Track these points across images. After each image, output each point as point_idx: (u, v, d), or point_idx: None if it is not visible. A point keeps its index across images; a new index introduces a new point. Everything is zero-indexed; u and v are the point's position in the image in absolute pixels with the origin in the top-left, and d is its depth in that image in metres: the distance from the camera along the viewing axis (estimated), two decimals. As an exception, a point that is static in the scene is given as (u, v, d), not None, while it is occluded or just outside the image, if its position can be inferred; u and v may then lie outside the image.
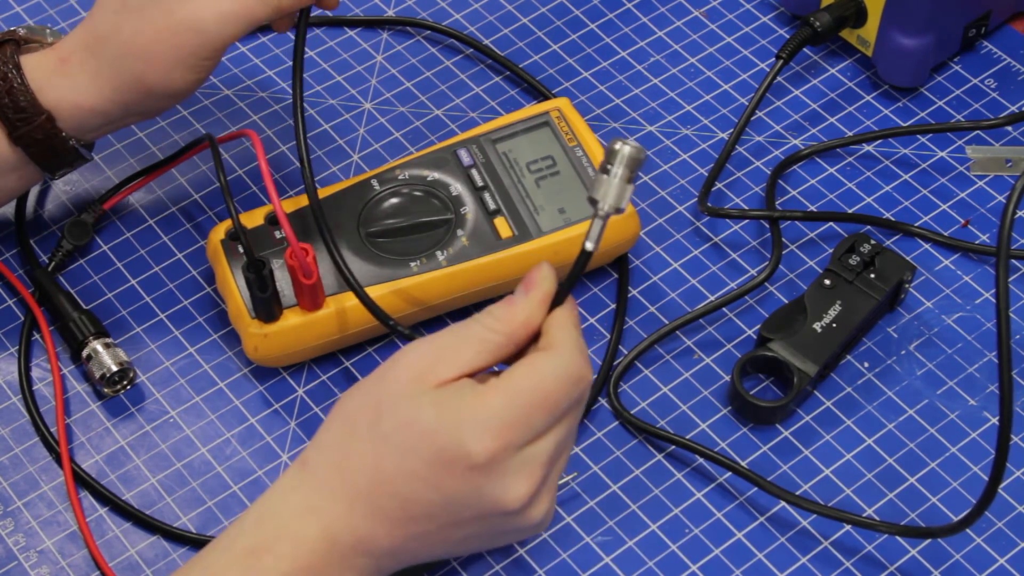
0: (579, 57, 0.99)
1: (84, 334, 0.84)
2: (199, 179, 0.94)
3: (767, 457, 0.82)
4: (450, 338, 0.67)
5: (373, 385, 0.67)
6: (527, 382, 0.65)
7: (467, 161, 0.87)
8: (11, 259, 0.90)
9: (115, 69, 0.79)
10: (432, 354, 0.66)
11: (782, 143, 0.95)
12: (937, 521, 0.79)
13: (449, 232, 0.85)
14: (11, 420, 0.84)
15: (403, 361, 0.67)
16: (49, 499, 0.81)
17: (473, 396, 0.65)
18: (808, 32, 0.93)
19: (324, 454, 0.67)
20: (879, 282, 0.85)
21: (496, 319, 0.67)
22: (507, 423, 0.65)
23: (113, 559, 0.79)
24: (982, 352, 0.86)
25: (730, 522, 0.80)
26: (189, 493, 0.81)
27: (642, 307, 0.88)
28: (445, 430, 0.64)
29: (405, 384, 0.66)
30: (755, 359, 0.83)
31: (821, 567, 0.78)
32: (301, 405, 0.84)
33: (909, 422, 0.83)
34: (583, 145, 0.87)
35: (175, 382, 0.85)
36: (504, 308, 0.68)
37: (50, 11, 1.02)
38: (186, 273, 0.90)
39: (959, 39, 0.97)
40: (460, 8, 1.02)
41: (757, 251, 0.90)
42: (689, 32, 1.01)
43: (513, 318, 0.67)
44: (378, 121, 0.96)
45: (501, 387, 0.65)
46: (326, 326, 0.83)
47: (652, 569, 0.78)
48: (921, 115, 0.96)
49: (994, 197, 0.93)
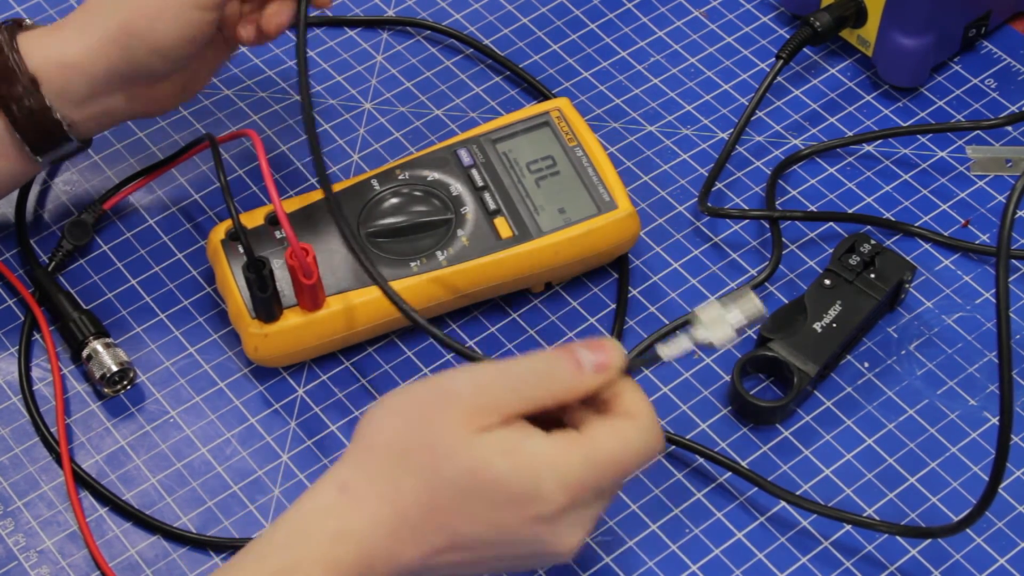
0: (579, 57, 0.99)
1: (84, 334, 0.84)
2: (199, 179, 0.94)
3: (767, 457, 0.82)
4: (503, 389, 0.66)
5: (421, 423, 0.66)
6: (610, 447, 0.66)
7: (467, 161, 0.87)
8: (11, 259, 0.90)
9: (102, 16, 0.80)
10: (485, 396, 0.66)
11: (782, 143, 0.95)
12: (937, 521, 0.79)
13: (449, 232, 0.85)
14: (11, 420, 0.84)
15: (455, 401, 0.66)
16: (49, 499, 0.81)
17: (550, 447, 0.65)
18: (808, 32, 0.93)
19: (369, 482, 0.66)
20: (879, 282, 0.85)
21: (563, 388, 0.67)
22: (582, 482, 0.65)
23: (113, 559, 0.79)
24: (982, 352, 0.86)
25: (730, 522, 0.80)
26: (189, 493, 0.81)
27: (642, 307, 0.88)
28: (519, 480, 0.65)
29: (460, 426, 0.65)
30: (755, 359, 0.83)
31: (821, 567, 0.78)
32: (301, 405, 0.84)
33: (909, 422, 0.83)
34: (583, 145, 0.87)
35: (175, 382, 0.85)
36: (572, 376, 0.67)
37: (50, 11, 1.02)
38: (186, 273, 0.90)
39: (959, 39, 0.97)
40: (460, 8, 1.02)
41: (757, 251, 0.90)
42: (689, 32, 1.01)
43: (579, 393, 0.67)
44: (378, 121, 0.96)
45: (584, 446, 0.65)
46: (326, 326, 0.83)
47: (652, 569, 0.78)
48: (921, 115, 0.96)
49: (994, 197, 0.93)
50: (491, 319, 0.87)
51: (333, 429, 0.83)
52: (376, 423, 0.67)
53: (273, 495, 0.81)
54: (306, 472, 0.82)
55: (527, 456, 0.65)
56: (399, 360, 0.86)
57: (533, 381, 0.66)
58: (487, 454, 0.65)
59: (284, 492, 0.81)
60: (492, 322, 0.87)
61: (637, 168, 0.94)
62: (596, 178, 0.86)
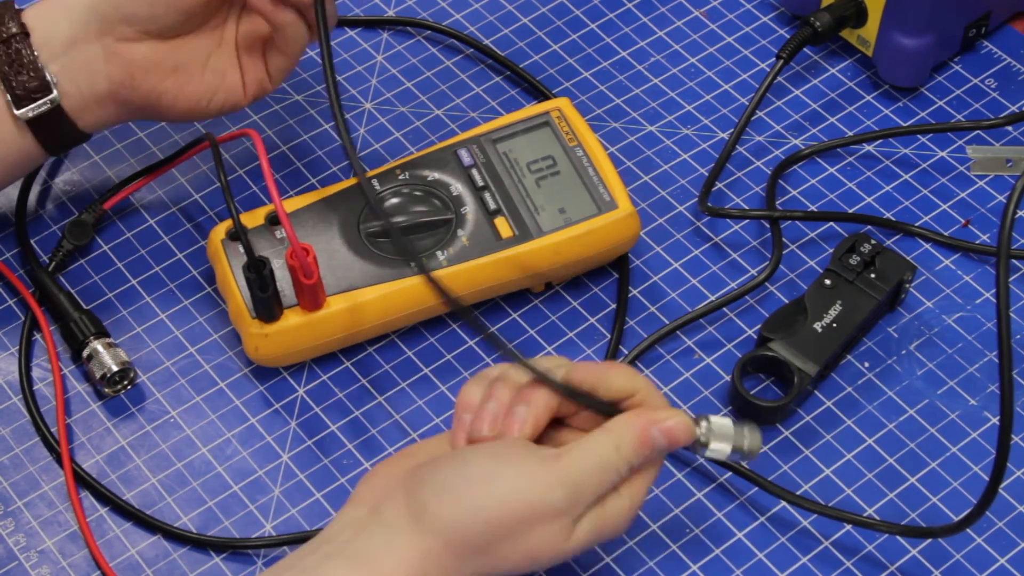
0: (579, 57, 0.99)
1: (84, 334, 0.84)
2: (199, 179, 0.94)
3: (767, 457, 0.82)
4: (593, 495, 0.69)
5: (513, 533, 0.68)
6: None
7: (467, 161, 0.87)
8: (11, 259, 0.90)
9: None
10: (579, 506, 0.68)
11: (782, 143, 0.95)
12: (937, 521, 0.79)
13: (449, 232, 0.85)
14: (11, 420, 0.84)
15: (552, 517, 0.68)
16: (49, 499, 0.81)
17: (624, 505, 0.70)
18: (808, 32, 0.93)
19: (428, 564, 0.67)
20: (879, 282, 0.85)
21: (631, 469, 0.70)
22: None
23: (113, 559, 0.79)
24: (982, 352, 0.86)
25: (730, 522, 0.80)
26: (189, 493, 0.81)
27: (642, 307, 0.88)
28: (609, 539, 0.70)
29: (558, 542, 0.68)
30: (755, 359, 0.83)
31: (821, 567, 0.78)
32: (301, 405, 0.84)
33: (909, 422, 0.83)
34: (583, 145, 0.87)
35: (175, 382, 0.85)
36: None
37: (50, 11, 1.02)
38: (186, 273, 0.90)
39: (959, 39, 0.97)
40: (460, 8, 1.02)
41: (757, 251, 0.90)
42: (689, 32, 1.01)
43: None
44: (378, 121, 0.96)
45: (644, 484, 0.71)
46: (327, 326, 0.83)
47: (652, 569, 0.78)
48: (921, 115, 0.96)
49: (994, 197, 0.93)
50: (491, 319, 0.88)
51: (333, 429, 0.84)
52: (454, 518, 0.68)
53: (273, 495, 0.81)
54: (306, 472, 0.82)
55: (614, 521, 0.70)
56: (399, 360, 0.86)
57: (622, 475, 0.70)
58: (584, 540, 0.69)
59: (284, 492, 0.81)
60: (492, 322, 0.87)
61: (637, 168, 0.94)
62: (596, 178, 0.86)
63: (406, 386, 0.85)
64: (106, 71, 0.81)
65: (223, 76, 0.83)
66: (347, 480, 0.82)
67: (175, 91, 0.83)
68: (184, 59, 0.82)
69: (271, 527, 0.80)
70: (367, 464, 0.82)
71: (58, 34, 0.81)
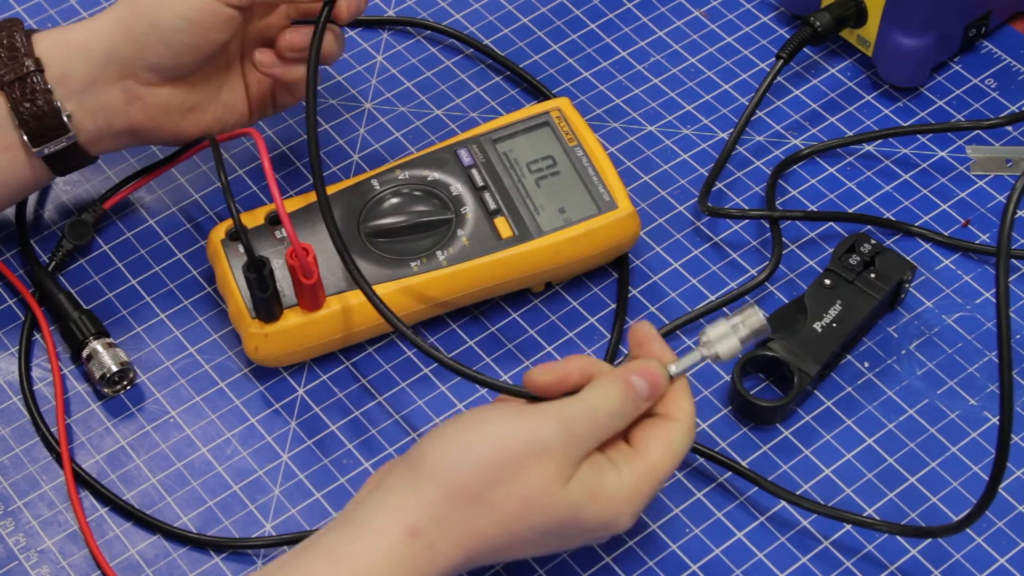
0: (579, 57, 0.99)
1: (84, 334, 0.84)
2: (199, 179, 0.94)
3: (767, 457, 0.82)
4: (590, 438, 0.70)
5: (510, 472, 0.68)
6: (664, 459, 0.71)
7: (467, 161, 0.87)
8: (11, 259, 0.90)
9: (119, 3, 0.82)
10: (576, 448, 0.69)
11: (782, 143, 0.95)
12: (937, 521, 0.79)
13: (449, 232, 0.85)
14: (11, 420, 0.84)
15: (548, 455, 0.68)
16: (49, 499, 0.81)
17: (625, 482, 0.70)
18: (808, 32, 0.93)
19: (443, 528, 0.68)
20: (879, 282, 0.85)
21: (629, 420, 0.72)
22: (647, 499, 0.71)
23: (113, 559, 0.79)
24: (982, 352, 0.86)
25: (730, 522, 0.80)
26: (189, 493, 0.81)
27: (642, 307, 0.88)
28: (601, 518, 0.70)
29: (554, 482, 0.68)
30: (755, 359, 0.83)
31: (821, 567, 0.78)
32: (301, 405, 0.84)
33: (909, 422, 0.83)
34: (583, 145, 0.87)
35: (175, 382, 0.85)
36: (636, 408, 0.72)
37: (50, 11, 1.02)
38: (186, 273, 0.90)
39: (959, 39, 0.97)
40: (460, 8, 1.02)
41: (757, 251, 0.90)
42: (689, 32, 1.01)
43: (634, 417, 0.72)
44: (378, 121, 0.96)
45: (649, 467, 0.71)
46: (326, 326, 0.83)
47: (652, 569, 0.78)
48: (921, 115, 0.96)
49: (994, 197, 0.93)
50: (491, 319, 0.88)
51: (333, 429, 0.84)
52: (448, 458, 0.69)
53: (273, 495, 0.81)
54: (306, 472, 0.82)
55: (609, 497, 0.70)
56: (399, 360, 0.86)
57: (612, 425, 0.71)
58: (577, 502, 0.69)
59: (284, 492, 0.81)
60: (492, 322, 0.87)
61: (637, 168, 0.94)
62: (596, 178, 0.86)
63: (406, 386, 0.85)
64: (126, 112, 0.83)
65: (233, 108, 0.86)
66: (347, 480, 0.82)
67: (191, 127, 0.85)
68: (200, 98, 0.85)
69: (271, 527, 0.80)
70: (367, 464, 0.82)
71: (75, 72, 0.81)
